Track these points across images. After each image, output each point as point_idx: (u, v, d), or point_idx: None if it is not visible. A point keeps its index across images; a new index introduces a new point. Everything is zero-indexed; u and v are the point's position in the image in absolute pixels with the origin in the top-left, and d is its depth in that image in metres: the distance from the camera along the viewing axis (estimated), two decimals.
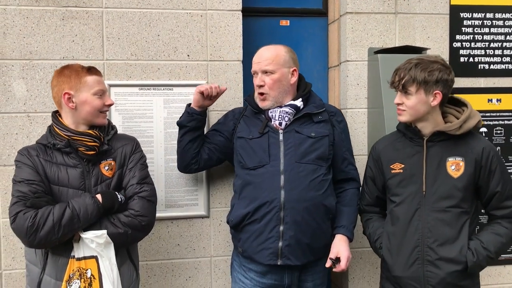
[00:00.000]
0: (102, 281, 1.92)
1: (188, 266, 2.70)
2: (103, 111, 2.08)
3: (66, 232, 1.89)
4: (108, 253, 1.94)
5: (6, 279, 2.53)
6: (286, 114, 2.25)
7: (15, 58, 2.49)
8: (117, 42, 2.57)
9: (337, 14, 2.93)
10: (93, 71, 2.05)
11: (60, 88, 2.01)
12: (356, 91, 2.80)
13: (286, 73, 2.27)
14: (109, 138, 2.09)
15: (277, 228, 2.17)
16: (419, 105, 2.02)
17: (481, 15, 2.92)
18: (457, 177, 2.03)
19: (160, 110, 2.61)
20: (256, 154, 2.25)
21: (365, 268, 2.83)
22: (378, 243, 2.21)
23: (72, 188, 1.99)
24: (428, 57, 2.07)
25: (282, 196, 2.17)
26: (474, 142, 2.07)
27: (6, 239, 2.51)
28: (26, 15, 2.49)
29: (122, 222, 1.98)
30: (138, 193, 2.03)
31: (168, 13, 2.61)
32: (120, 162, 2.08)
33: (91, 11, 2.55)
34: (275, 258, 2.19)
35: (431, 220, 2.04)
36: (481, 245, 2.02)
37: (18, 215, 1.86)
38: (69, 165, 2.00)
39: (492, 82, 2.95)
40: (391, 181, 2.15)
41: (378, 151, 2.23)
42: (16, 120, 2.50)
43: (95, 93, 2.02)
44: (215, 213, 2.71)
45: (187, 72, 2.64)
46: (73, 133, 2.00)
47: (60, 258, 1.97)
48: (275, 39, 2.95)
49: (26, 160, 1.99)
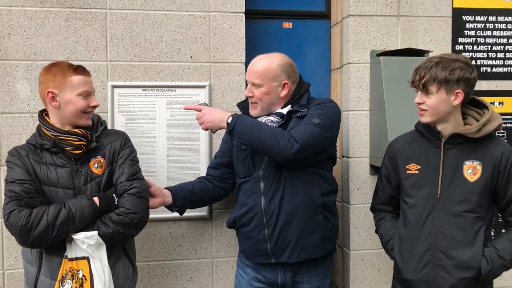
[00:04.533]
0: (93, 282, 1.92)
1: (190, 267, 2.71)
2: (87, 112, 2.05)
3: (60, 232, 1.89)
4: (99, 254, 1.94)
5: (8, 279, 2.54)
6: (272, 123, 2.24)
7: (19, 58, 2.51)
8: (121, 43, 2.59)
9: (339, 16, 2.93)
10: (80, 71, 2.02)
11: (45, 86, 2.00)
12: (358, 94, 2.80)
13: (275, 87, 2.25)
14: (97, 134, 2.07)
15: (263, 232, 2.23)
16: (440, 105, 1.96)
17: (483, 18, 2.93)
18: (473, 181, 1.99)
19: (163, 111, 2.62)
20: (244, 164, 2.31)
21: (366, 270, 2.82)
22: (390, 244, 2.18)
23: (62, 188, 1.98)
24: (449, 55, 2.02)
25: (263, 202, 2.22)
26: (493, 146, 2.02)
27: (9, 239, 2.52)
28: (30, 16, 2.51)
29: (114, 221, 1.97)
30: (128, 190, 2.02)
31: (171, 15, 2.63)
32: (109, 159, 2.07)
33: (95, 12, 2.56)
34: (268, 257, 2.26)
35: (445, 223, 2.00)
36: (496, 253, 1.97)
37: (12, 213, 1.87)
38: (58, 165, 2.00)
39: (494, 85, 2.95)
40: (406, 181, 2.11)
41: (395, 150, 2.19)
42: (20, 120, 2.51)
43: (80, 93, 1.99)
44: (217, 215, 2.71)
45: (190, 73, 2.65)
46: (59, 132, 1.99)
47: (54, 258, 1.97)
48: (278, 42, 2.97)
49: (16, 160, 1.99)
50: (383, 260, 2.81)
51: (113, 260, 2.03)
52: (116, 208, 2.00)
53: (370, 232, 2.74)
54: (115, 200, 2.00)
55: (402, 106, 2.55)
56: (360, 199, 2.78)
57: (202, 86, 2.64)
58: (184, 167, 2.63)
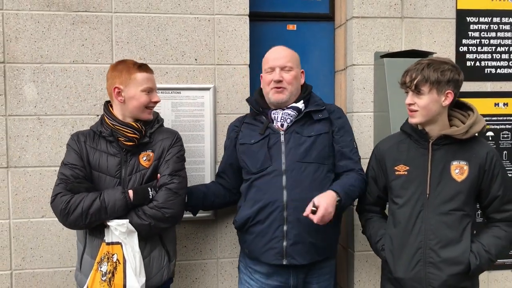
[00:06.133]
0: (125, 266, 2.02)
1: (195, 267, 2.73)
2: (149, 107, 2.18)
3: (93, 220, 2.01)
4: (131, 241, 2.04)
5: (16, 279, 2.57)
6: (289, 116, 2.28)
7: (27, 61, 2.54)
8: (126, 46, 2.61)
9: (343, 18, 2.95)
10: (144, 68, 2.17)
11: (112, 82, 2.14)
12: (362, 95, 2.81)
13: (299, 73, 2.35)
14: (152, 131, 2.18)
15: (281, 227, 2.20)
16: (431, 105, 2.03)
17: (487, 19, 2.93)
18: (460, 181, 2.06)
19: (168, 113, 2.64)
20: (258, 158, 2.28)
21: (371, 271, 2.83)
22: (379, 244, 2.22)
23: (109, 176, 2.11)
24: (438, 58, 2.11)
25: (285, 196, 2.20)
26: (478, 146, 2.09)
27: (17, 240, 2.55)
28: (37, 19, 2.54)
29: (147, 214, 2.05)
30: (167, 185, 2.10)
31: (176, 17, 2.65)
32: (158, 154, 2.16)
33: (101, 15, 2.59)
34: (280, 258, 2.21)
35: (434, 222, 2.06)
36: (482, 248, 2.05)
37: (57, 197, 2.03)
38: (110, 153, 2.13)
39: (499, 86, 2.95)
40: (395, 182, 2.16)
41: (382, 152, 2.24)
42: (27, 122, 2.55)
43: (143, 89, 2.13)
44: (221, 215, 2.73)
45: (195, 76, 2.67)
46: (117, 122, 2.12)
47: (95, 239, 2.09)
48: (282, 44, 2.94)
49: (74, 145, 2.15)
50: None
51: (149, 248, 2.12)
52: (151, 202, 2.07)
53: None
54: (150, 194, 2.08)
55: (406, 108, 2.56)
56: None
57: (207, 88, 2.66)
58: (189, 168, 2.63)
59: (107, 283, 2.01)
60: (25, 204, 2.55)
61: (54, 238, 2.58)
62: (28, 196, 2.55)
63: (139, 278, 2.03)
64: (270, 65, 2.32)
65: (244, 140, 2.36)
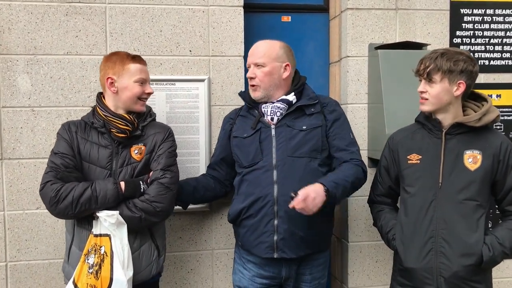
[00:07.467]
0: (113, 259, 2.00)
1: (190, 258, 2.74)
2: (142, 99, 2.18)
3: (82, 210, 2.00)
4: (120, 233, 2.03)
5: (11, 271, 2.57)
6: (278, 109, 2.27)
7: (20, 53, 2.52)
8: (120, 38, 2.61)
9: (338, 10, 2.95)
10: (137, 59, 2.17)
11: (105, 73, 2.14)
12: (356, 87, 2.82)
13: (277, 67, 2.29)
14: (144, 124, 2.18)
15: (272, 222, 2.21)
16: (442, 94, 2.03)
17: (481, 11, 2.94)
18: (474, 170, 2.04)
19: (163, 104, 2.64)
20: (249, 152, 2.29)
21: (365, 262, 2.85)
22: (390, 234, 2.21)
23: (100, 167, 2.10)
24: (454, 49, 2.11)
25: (275, 191, 2.20)
26: (492, 136, 2.08)
27: (11, 231, 2.55)
28: (30, 10, 2.52)
29: (137, 207, 2.05)
30: (159, 179, 2.10)
31: (170, 9, 2.64)
32: (150, 148, 2.16)
33: (95, 6, 2.58)
34: (271, 252, 2.23)
35: (446, 211, 2.04)
36: (496, 241, 2.02)
37: (46, 184, 2.01)
38: (101, 145, 2.12)
39: (492, 78, 2.97)
40: (407, 171, 2.15)
41: (396, 142, 2.23)
42: (21, 114, 2.54)
43: (136, 80, 2.13)
44: (216, 207, 2.74)
45: (189, 67, 2.67)
46: (110, 114, 2.11)
47: (83, 231, 2.08)
48: (277, 35, 2.97)
49: (65, 134, 2.13)
50: (381, 251, 2.84)
51: (139, 242, 2.12)
52: (142, 195, 2.07)
53: (368, 224, 2.77)
54: (141, 187, 2.08)
55: (400, 99, 2.58)
56: (359, 192, 2.76)
57: (201, 80, 2.66)
58: (184, 160, 2.65)
59: (93, 275, 1.99)
60: (19, 195, 2.55)
61: (49, 229, 2.59)
62: (22, 188, 2.55)
63: (127, 272, 2.01)
64: (247, 62, 2.34)
65: (237, 133, 2.37)
